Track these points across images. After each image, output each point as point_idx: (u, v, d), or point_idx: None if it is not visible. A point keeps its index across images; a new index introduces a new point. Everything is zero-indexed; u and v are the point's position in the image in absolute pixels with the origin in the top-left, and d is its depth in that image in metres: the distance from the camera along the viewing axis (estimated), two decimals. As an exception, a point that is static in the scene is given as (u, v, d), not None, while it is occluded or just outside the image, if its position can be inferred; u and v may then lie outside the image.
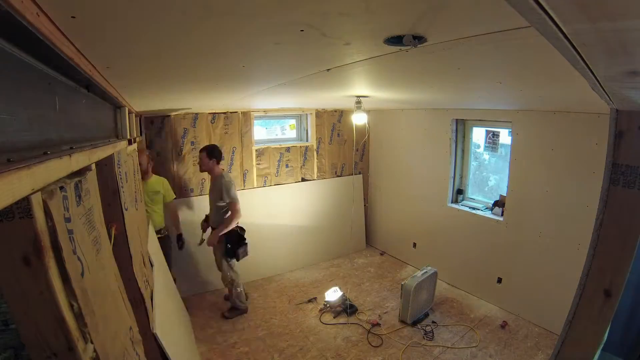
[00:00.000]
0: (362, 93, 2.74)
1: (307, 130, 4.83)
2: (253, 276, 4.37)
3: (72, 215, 0.80)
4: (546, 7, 0.39)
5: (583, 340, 1.30)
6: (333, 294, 3.71)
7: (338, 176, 5.06)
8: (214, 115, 4.02)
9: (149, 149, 3.69)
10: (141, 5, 0.67)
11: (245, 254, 3.51)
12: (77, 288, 0.75)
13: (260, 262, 4.40)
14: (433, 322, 3.45)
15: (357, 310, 3.67)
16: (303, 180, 4.77)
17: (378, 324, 3.42)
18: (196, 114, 3.91)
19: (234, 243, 3.41)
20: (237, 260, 3.46)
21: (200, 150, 3.44)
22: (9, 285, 0.63)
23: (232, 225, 3.36)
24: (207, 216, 3.65)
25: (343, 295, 3.73)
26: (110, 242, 1.33)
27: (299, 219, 4.69)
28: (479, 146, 4.20)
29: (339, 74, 1.61)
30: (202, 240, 3.60)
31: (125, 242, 1.60)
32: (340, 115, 4.93)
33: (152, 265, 2.40)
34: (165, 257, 3.38)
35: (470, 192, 4.24)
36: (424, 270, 3.51)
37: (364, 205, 5.33)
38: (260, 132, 4.67)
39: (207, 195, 4.05)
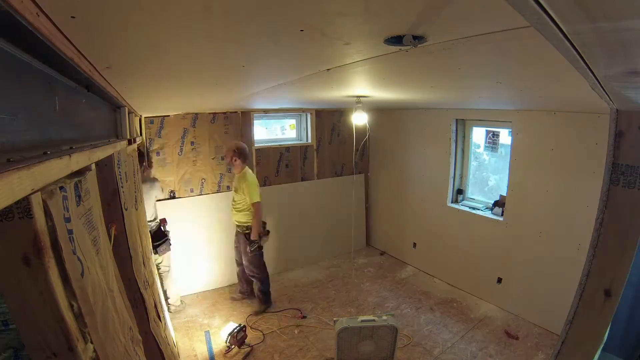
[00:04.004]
0: (362, 93, 2.73)
1: (307, 130, 4.83)
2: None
3: (72, 215, 0.80)
4: (546, 7, 0.39)
5: (583, 340, 1.30)
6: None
7: (338, 175, 5.06)
8: (214, 115, 4.02)
9: (149, 148, 3.70)
10: (141, 5, 0.67)
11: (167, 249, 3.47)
12: (77, 288, 0.75)
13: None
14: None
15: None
16: (303, 180, 4.77)
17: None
18: (196, 114, 3.91)
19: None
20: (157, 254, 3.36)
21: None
22: (9, 285, 0.63)
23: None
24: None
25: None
26: (110, 242, 1.33)
27: (299, 219, 4.69)
28: (479, 146, 4.21)
29: (339, 74, 1.61)
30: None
31: (125, 242, 1.60)
32: (340, 115, 4.93)
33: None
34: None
35: (470, 192, 4.25)
36: (373, 319, 2.61)
37: (365, 205, 5.33)
38: (260, 132, 4.67)
39: (207, 195, 4.07)
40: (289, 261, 4.64)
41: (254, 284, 3.74)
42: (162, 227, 3.44)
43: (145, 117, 3.63)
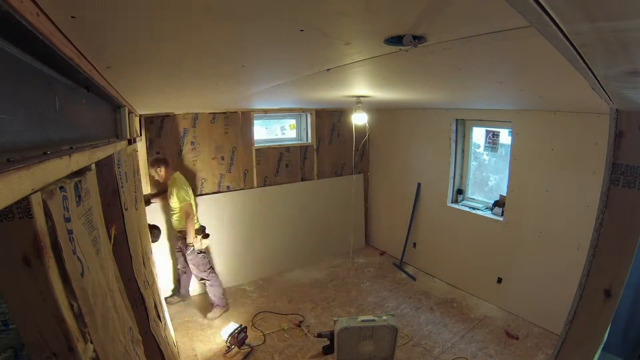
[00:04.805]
0: (362, 93, 2.73)
1: (307, 130, 4.83)
2: (253, 276, 4.38)
3: (72, 215, 0.80)
4: (546, 7, 0.39)
5: (583, 341, 1.30)
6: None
7: (338, 175, 5.06)
8: (214, 115, 4.02)
9: (148, 149, 3.69)
10: (141, 5, 0.67)
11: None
12: (77, 288, 0.75)
13: (260, 261, 4.41)
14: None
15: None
16: (303, 180, 4.77)
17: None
18: (196, 114, 3.91)
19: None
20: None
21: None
22: (9, 285, 0.63)
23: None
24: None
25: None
26: (110, 242, 1.33)
27: (299, 219, 4.69)
28: (479, 146, 4.21)
29: (339, 74, 1.61)
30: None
31: (125, 242, 1.60)
32: (340, 115, 4.93)
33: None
34: None
35: (470, 192, 4.25)
36: (373, 319, 2.64)
37: (364, 205, 5.33)
38: (260, 132, 4.67)
39: (207, 195, 4.06)
40: (289, 261, 4.64)
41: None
42: None
43: (145, 117, 3.63)
